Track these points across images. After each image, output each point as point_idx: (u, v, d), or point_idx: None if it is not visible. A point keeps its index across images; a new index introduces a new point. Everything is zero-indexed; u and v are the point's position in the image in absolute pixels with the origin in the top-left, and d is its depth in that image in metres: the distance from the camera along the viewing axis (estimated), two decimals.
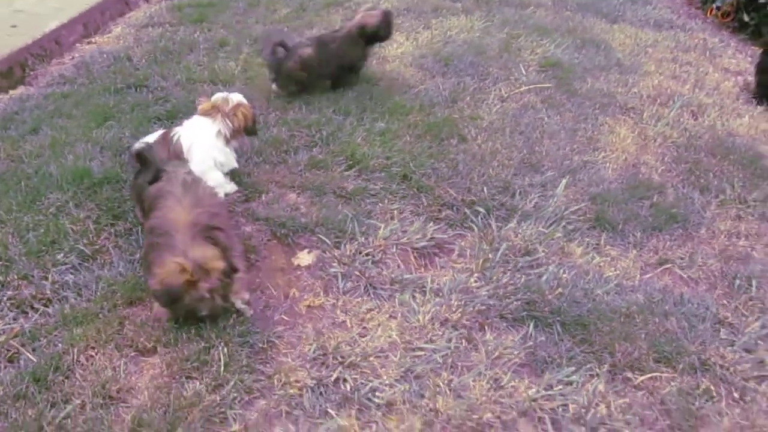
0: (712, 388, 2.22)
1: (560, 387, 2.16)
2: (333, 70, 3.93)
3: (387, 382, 2.13)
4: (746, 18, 6.14)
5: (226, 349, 2.17)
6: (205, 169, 2.83)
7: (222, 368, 2.11)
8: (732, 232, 3.01)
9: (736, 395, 2.21)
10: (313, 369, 2.16)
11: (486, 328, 2.38)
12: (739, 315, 2.54)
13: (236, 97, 2.93)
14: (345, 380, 2.13)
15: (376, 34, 3.90)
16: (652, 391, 2.20)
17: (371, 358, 2.21)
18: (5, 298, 2.35)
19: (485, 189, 3.08)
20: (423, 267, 2.68)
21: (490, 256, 2.68)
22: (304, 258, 2.67)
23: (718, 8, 6.45)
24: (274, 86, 3.92)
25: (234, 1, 5.50)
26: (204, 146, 2.84)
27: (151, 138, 2.87)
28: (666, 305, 2.52)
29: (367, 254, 2.67)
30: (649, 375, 2.24)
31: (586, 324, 2.39)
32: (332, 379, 2.13)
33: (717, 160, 3.54)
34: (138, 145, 2.60)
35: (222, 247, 2.17)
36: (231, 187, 2.97)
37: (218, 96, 2.93)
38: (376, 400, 2.07)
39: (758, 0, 5.84)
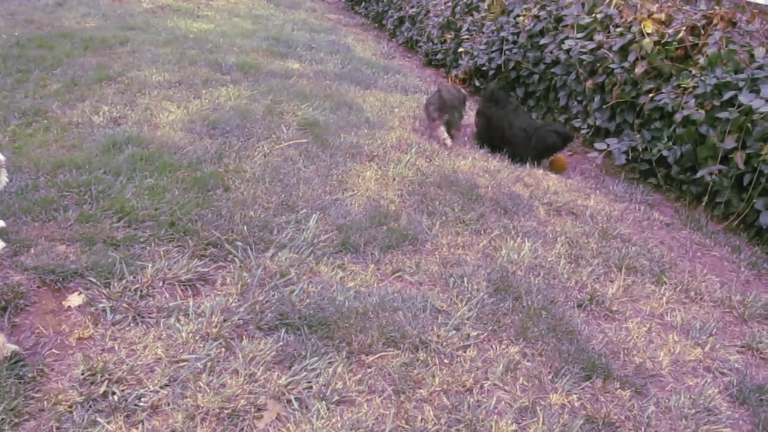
0: (429, 359, 2.77)
1: (305, 373, 2.58)
2: None
3: (152, 389, 2.41)
4: (477, 83, 7.35)
5: None
6: None
7: None
8: (451, 245, 3.70)
9: (446, 361, 2.79)
10: (83, 388, 2.38)
11: (244, 337, 2.76)
12: (452, 304, 3.16)
13: None
14: (113, 393, 2.37)
15: None
16: (382, 367, 2.70)
17: (137, 372, 2.48)
18: None
19: (246, 228, 3.50)
20: (189, 297, 3.01)
21: (249, 281, 3.09)
22: (75, 299, 2.88)
23: (456, 75, 7.63)
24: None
25: (1, 78, 5.54)
26: None
27: None
28: (395, 303, 3.08)
29: (135, 290, 2.94)
30: (379, 355, 2.75)
31: (329, 324, 2.86)
32: (100, 393, 2.36)
33: (442, 191, 4.31)
34: None
35: None
36: None
37: None
38: (142, 404, 2.34)
39: (482, 68, 7.06)
